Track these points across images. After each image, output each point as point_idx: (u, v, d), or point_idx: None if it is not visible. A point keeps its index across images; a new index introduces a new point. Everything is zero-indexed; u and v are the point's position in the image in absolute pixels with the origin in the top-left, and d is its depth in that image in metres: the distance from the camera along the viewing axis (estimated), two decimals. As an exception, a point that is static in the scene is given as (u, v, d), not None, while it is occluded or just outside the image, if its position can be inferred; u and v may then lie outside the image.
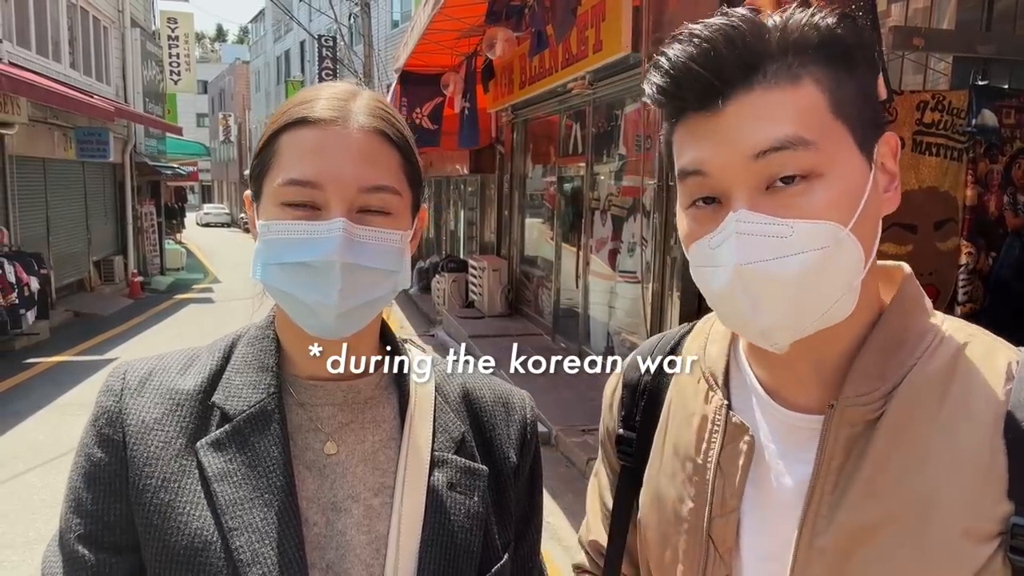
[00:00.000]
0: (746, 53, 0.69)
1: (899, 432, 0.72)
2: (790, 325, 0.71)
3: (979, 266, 3.41)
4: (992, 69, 3.54)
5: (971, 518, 0.68)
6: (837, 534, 0.72)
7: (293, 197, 0.79)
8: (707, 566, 0.81)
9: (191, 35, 22.96)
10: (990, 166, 3.38)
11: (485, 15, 6.80)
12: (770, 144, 0.68)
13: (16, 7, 11.05)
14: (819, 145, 0.68)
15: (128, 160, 15.33)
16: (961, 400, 0.71)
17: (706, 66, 0.69)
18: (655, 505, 0.88)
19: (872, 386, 0.73)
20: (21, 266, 9.08)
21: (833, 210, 0.68)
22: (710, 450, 0.82)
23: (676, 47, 0.71)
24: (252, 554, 0.77)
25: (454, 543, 0.84)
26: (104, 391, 0.85)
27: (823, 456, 0.74)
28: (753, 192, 0.69)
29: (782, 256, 0.67)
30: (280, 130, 0.82)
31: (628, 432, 0.94)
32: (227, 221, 42.58)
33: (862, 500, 0.72)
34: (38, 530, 4.39)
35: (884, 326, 0.76)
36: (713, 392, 0.84)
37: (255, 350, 0.88)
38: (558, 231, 8.90)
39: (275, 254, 0.80)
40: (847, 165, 0.70)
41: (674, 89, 0.72)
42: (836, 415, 0.74)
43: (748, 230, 0.68)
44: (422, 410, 0.89)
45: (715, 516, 0.81)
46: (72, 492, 0.83)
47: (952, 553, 0.68)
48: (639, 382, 0.95)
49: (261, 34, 45.17)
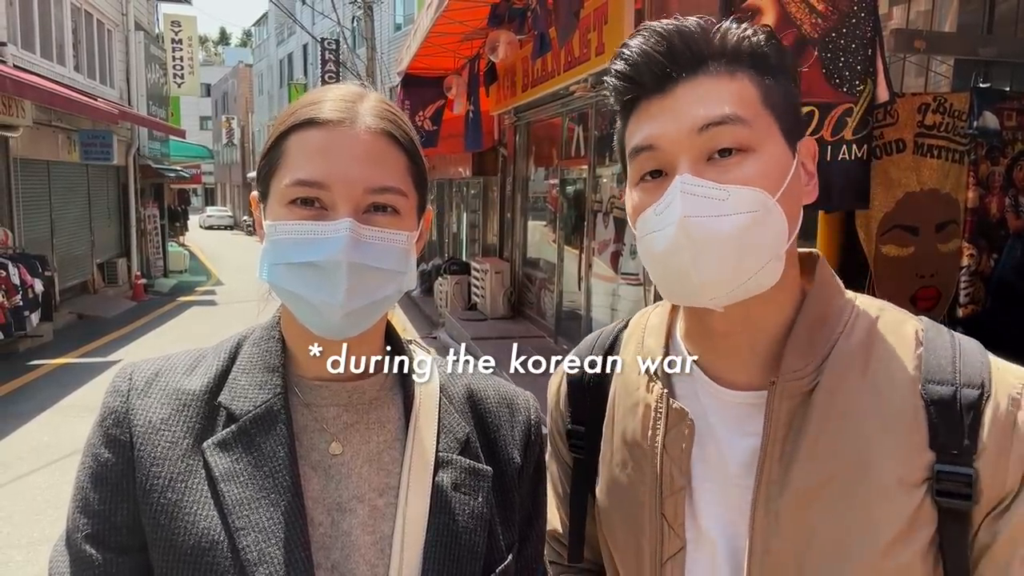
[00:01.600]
0: (695, 47, 0.81)
1: (832, 400, 0.81)
2: (726, 280, 0.79)
3: (981, 268, 3.41)
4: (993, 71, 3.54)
5: (902, 468, 0.78)
6: (789, 496, 0.81)
7: (299, 196, 0.80)
8: (663, 541, 0.89)
9: (194, 38, 22.98)
10: (991, 168, 3.38)
11: (488, 18, 6.81)
12: (711, 119, 0.79)
13: (21, 10, 11.09)
14: (752, 125, 0.79)
15: (131, 163, 15.38)
16: (882, 366, 0.81)
17: (662, 54, 0.81)
18: (611, 492, 0.95)
19: (805, 361, 0.82)
20: (25, 268, 9.10)
21: (762, 179, 0.79)
22: (656, 436, 0.90)
23: (637, 39, 0.83)
24: (259, 554, 0.78)
25: (458, 544, 0.84)
26: (111, 392, 0.86)
27: (770, 428, 0.82)
28: (696, 162, 0.79)
29: (719, 215, 0.77)
30: (287, 131, 0.83)
31: (577, 426, 1.01)
32: (230, 224, 42.61)
33: (808, 464, 0.80)
34: (43, 530, 4.41)
35: (808, 306, 0.85)
36: (653, 382, 0.91)
37: (261, 350, 0.88)
38: (560, 233, 8.90)
39: (282, 254, 0.80)
40: (775, 148, 0.81)
41: (634, 74, 0.83)
42: (778, 390, 0.82)
43: (691, 191, 0.78)
44: (427, 411, 0.90)
45: (665, 496, 0.88)
46: (79, 492, 0.84)
47: (890, 501, 0.77)
48: (583, 378, 1.01)
49: (264, 37, 45.23)
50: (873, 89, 2.58)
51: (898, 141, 3.21)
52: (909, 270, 3.36)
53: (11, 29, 10.66)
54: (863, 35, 2.37)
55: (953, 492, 0.76)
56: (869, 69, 2.50)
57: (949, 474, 0.76)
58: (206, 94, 49.34)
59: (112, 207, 15.24)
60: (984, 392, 0.78)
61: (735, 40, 0.82)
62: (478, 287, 10.89)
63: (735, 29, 0.83)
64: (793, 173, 0.82)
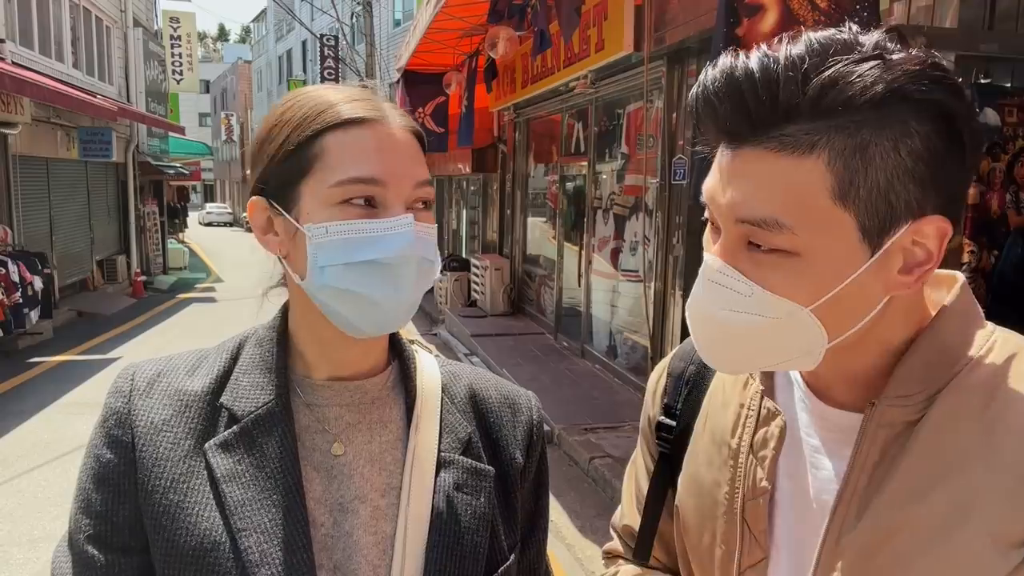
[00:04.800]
0: (768, 108, 0.65)
1: (938, 436, 0.71)
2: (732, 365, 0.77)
3: (981, 264, 3.41)
4: (994, 68, 3.54)
5: (1001, 526, 0.67)
6: (864, 533, 0.73)
7: (355, 195, 0.79)
8: (743, 548, 0.83)
9: (193, 35, 22.97)
10: (992, 164, 3.38)
11: (487, 14, 6.79)
12: (745, 216, 0.68)
13: (19, 7, 11.07)
14: (795, 231, 0.66)
15: (131, 160, 15.35)
16: (1002, 410, 0.70)
17: (723, 111, 0.68)
18: (692, 490, 0.90)
19: (915, 388, 0.73)
20: (24, 265, 9.09)
21: (796, 291, 0.68)
22: (744, 434, 0.85)
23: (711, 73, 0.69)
24: (260, 555, 0.77)
25: (461, 544, 0.84)
26: (113, 392, 0.86)
27: (859, 453, 0.74)
28: (735, 243, 0.71)
29: (736, 311, 0.71)
30: (319, 132, 0.81)
31: (668, 420, 0.97)
32: (229, 220, 42.62)
33: (894, 501, 0.72)
34: (43, 528, 4.41)
35: (932, 335, 0.75)
36: (752, 380, 0.87)
37: (263, 351, 0.88)
38: (560, 230, 8.90)
39: (341, 254, 0.79)
40: (833, 251, 0.67)
41: (697, 119, 0.73)
42: (876, 413, 0.74)
43: (716, 278, 0.72)
44: (428, 411, 0.90)
45: (747, 499, 0.83)
46: (81, 493, 0.84)
47: (981, 559, 0.68)
48: (684, 372, 0.98)
49: (263, 33, 45.18)
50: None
51: (899, 138, 3.20)
52: (910, 267, 3.36)
53: (10, 26, 10.64)
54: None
55: None
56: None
57: None
58: (205, 91, 49.29)
59: (111, 204, 15.23)
60: None
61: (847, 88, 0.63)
62: (478, 284, 10.89)
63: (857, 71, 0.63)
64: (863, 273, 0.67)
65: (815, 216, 0.66)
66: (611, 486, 4.76)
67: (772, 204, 0.66)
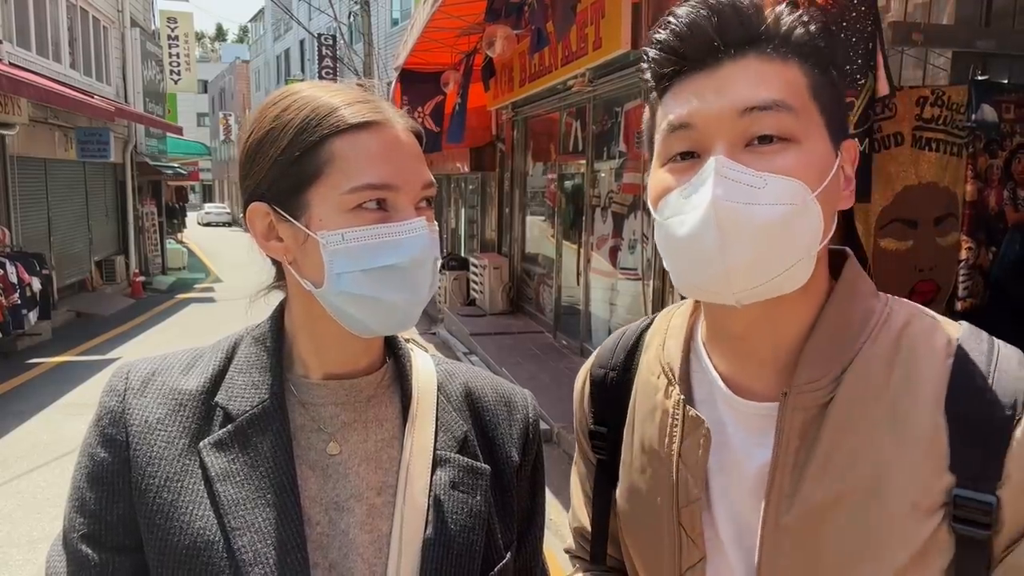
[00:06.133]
0: (748, 24, 0.76)
1: (848, 414, 0.76)
2: (755, 271, 0.73)
3: (979, 261, 3.41)
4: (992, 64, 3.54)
5: (918, 492, 0.72)
6: (799, 512, 0.76)
7: (368, 200, 0.79)
8: (682, 551, 0.85)
9: (191, 34, 22.95)
10: (990, 161, 3.38)
11: (485, 13, 6.79)
12: (758, 102, 0.73)
13: (16, 7, 11.05)
14: (799, 114, 0.74)
15: (129, 160, 15.33)
16: (904, 379, 0.75)
17: (712, 26, 0.75)
18: (630, 498, 0.93)
19: (821, 372, 0.77)
20: (23, 266, 9.08)
21: (804, 172, 0.73)
22: (672, 443, 0.86)
23: (685, 8, 0.77)
24: (254, 554, 0.77)
25: (457, 542, 0.84)
26: (107, 391, 0.85)
27: (780, 441, 0.78)
28: (733, 146, 0.74)
29: (754, 203, 0.72)
30: (326, 137, 0.80)
31: (599, 427, 0.99)
32: (228, 220, 42.58)
33: (819, 480, 0.75)
34: (42, 529, 4.41)
35: (831, 310, 0.79)
36: (672, 387, 0.88)
37: (258, 350, 0.88)
38: (559, 229, 8.90)
39: (358, 261, 0.79)
40: (819, 142, 0.75)
41: (678, 44, 0.77)
42: (789, 402, 0.77)
43: (726, 174, 0.72)
44: (424, 409, 0.90)
45: (682, 506, 0.85)
46: (75, 492, 0.83)
47: (902, 526, 0.72)
48: (605, 378, 0.99)
49: (261, 33, 45.15)
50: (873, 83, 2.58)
51: (896, 134, 3.21)
52: (908, 264, 3.36)
53: (6, 26, 10.63)
54: (863, 29, 2.37)
55: (971, 520, 0.70)
56: (870, 63, 2.49)
57: (968, 500, 0.70)
58: (203, 91, 49.22)
59: (110, 204, 15.21)
60: (1016, 414, 0.70)
61: (789, 24, 0.77)
62: (477, 283, 10.88)
63: (790, 13, 0.78)
64: (834, 173, 0.76)
65: (805, 106, 0.75)
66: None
67: (778, 89, 0.74)
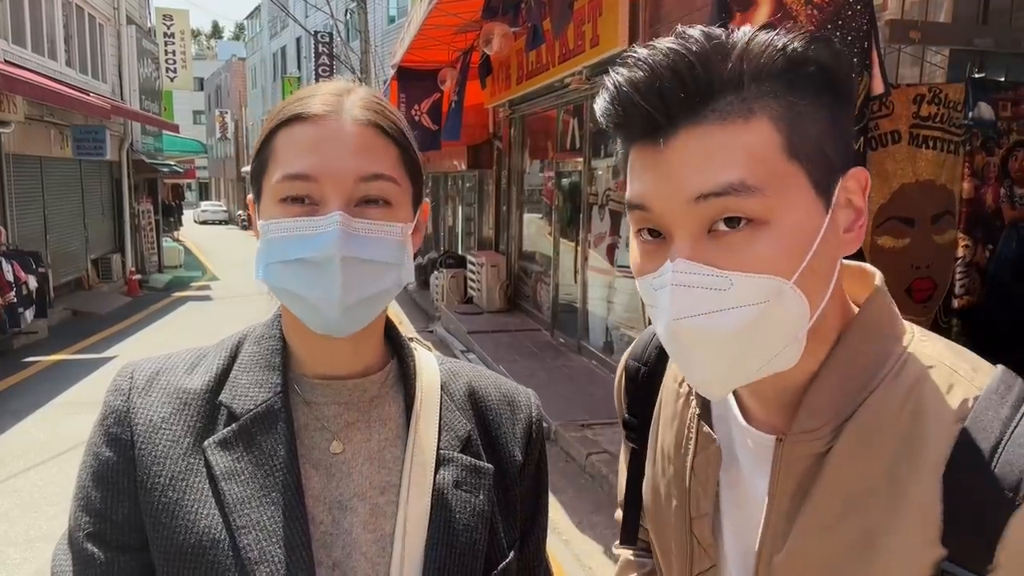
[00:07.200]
0: (695, 85, 0.64)
1: (845, 469, 0.70)
2: (724, 379, 0.69)
3: (976, 259, 3.42)
4: (989, 62, 3.55)
5: (906, 561, 0.67)
6: (788, 559, 0.74)
7: (290, 192, 0.79)
8: (693, 557, 0.86)
9: (187, 32, 22.89)
10: (987, 159, 3.39)
11: (482, 10, 6.79)
12: (711, 189, 0.63)
13: (11, 5, 11.01)
14: (766, 192, 0.64)
15: (125, 158, 15.30)
16: (907, 440, 0.68)
17: (649, 98, 0.65)
18: (652, 496, 0.94)
19: (821, 421, 0.72)
20: (19, 265, 9.06)
21: (777, 263, 0.64)
22: (687, 455, 0.86)
23: (622, 72, 0.66)
24: (259, 552, 0.78)
25: (460, 541, 0.85)
26: (112, 390, 0.86)
27: (775, 482, 0.75)
28: (695, 236, 0.65)
29: (718, 310, 0.64)
30: (276, 128, 0.82)
31: (632, 418, 1.00)
32: (224, 218, 42.53)
33: (807, 532, 0.72)
34: (40, 528, 4.40)
35: (841, 353, 0.72)
36: (691, 398, 0.87)
37: (261, 349, 0.88)
38: (556, 227, 8.90)
39: (276, 252, 0.80)
40: (797, 211, 0.65)
41: (617, 118, 0.68)
42: (785, 448, 0.73)
43: (685, 281, 0.65)
44: (428, 408, 0.90)
45: (693, 517, 0.85)
46: (81, 491, 0.84)
47: None
48: (637, 372, 0.99)
49: (257, 31, 45.02)
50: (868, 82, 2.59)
51: (893, 132, 3.22)
52: (905, 261, 3.37)
53: (2, 24, 10.59)
54: (859, 27, 2.37)
55: None
56: (865, 62, 2.50)
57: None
58: (199, 88, 49.05)
59: (106, 202, 15.18)
60: (1018, 498, 0.62)
61: (762, 58, 0.65)
62: (474, 281, 10.88)
63: (760, 41, 0.65)
64: (824, 232, 0.67)
65: (776, 174, 0.64)
66: (608, 482, 4.77)
67: (736, 167, 0.64)
